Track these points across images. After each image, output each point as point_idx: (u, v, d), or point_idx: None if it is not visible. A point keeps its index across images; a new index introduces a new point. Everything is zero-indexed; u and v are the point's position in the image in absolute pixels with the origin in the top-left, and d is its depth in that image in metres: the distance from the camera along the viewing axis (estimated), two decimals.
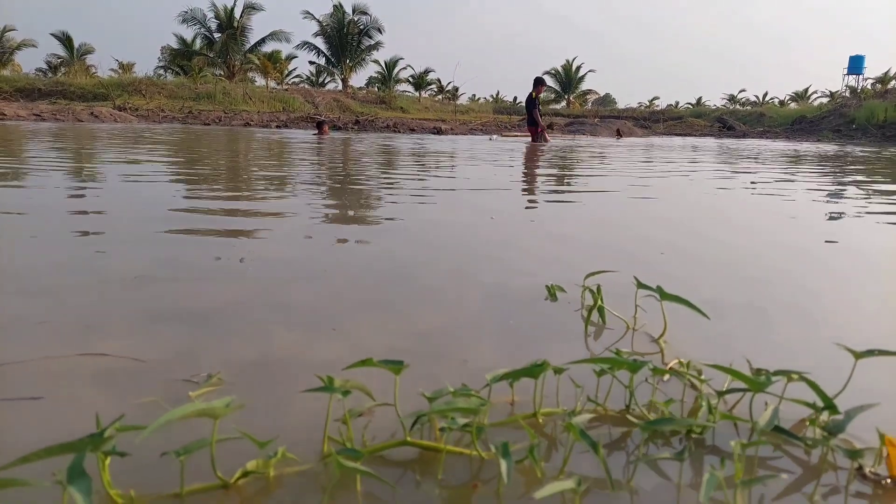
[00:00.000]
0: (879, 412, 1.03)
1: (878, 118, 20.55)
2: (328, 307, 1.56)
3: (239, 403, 0.78)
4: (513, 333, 1.43)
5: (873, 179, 6.17)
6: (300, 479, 0.82)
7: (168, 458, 0.80)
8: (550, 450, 0.94)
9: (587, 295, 1.56)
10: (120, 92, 24.75)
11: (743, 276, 2.06)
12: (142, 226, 2.58)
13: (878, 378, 1.20)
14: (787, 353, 1.36)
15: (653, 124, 29.27)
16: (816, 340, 1.45)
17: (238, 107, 24.72)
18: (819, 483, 0.85)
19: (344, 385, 0.86)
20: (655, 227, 3.10)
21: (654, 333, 1.41)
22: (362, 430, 0.94)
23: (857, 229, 3.18)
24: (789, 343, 1.43)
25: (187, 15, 33.14)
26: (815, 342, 1.44)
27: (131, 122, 17.00)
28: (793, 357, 1.34)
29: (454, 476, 0.85)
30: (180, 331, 1.35)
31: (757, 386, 0.91)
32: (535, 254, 2.37)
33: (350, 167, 6.21)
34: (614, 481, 0.83)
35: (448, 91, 47.61)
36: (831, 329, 1.53)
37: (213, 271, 1.88)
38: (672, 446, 0.94)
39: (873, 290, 1.97)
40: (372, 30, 36.65)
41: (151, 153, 6.88)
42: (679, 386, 1.12)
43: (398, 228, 2.81)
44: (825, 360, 1.28)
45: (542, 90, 12.74)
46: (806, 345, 1.43)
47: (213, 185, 4.25)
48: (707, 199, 4.38)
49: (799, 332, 1.51)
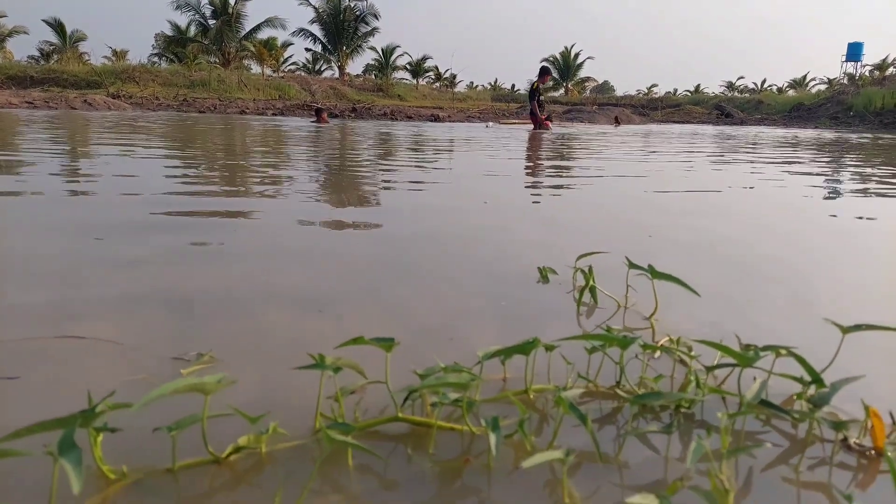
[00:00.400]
0: (870, 386, 1.04)
1: (876, 105, 20.54)
2: (321, 289, 1.57)
3: (230, 380, 0.79)
4: (505, 314, 1.43)
5: (871, 166, 6.18)
6: (292, 454, 0.83)
7: (160, 435, 0.80)
8: (542, 424, 0.95)
9: (579, 276, 1.57)
10: (113, 79, 24.57)
11: (732, 258, 2.07)
12: (136, 211, 2.58)
13: (868, 352, 1.21)
14: (777, 331, 1.37)
15: (651, 112, 29.21)
16: (808, 317, 1.46)
17: (233, 94, 24.57)
18: (806, 455, 0.86)
19: (335, 362, 0.86)
20: (647, 212, 3.10)
21: (645, 312, 1.41)
22: (354, 407, 0.94)
23: (853, 213, 3.19)
24: (780, 321, 1.44)
25: (181, 1, 32.86)
26: (807, 319, 1.45)
27: (125, 110, 16.91)
28: (784, 334, 1.35)
29: (446, 451, 0.86)
30: (173, 312, 1.36)
31: (745, 361, 0.91)
32: (528, 237, 2.38)
33: (348, 153, 6.19)
34: (604, 454, 0.84)
35: (446, 79, 47.44)
36: (823, 306, 1.54)
37: (206, 255, 1.88)
38: (661, 421, 0.95)
39: (864, 272, 1.98)
40: (368, 16, 36.41)
41: (147, 141, 6.85)
42: (670, 363, 1.13)
43: (393, 212, 2.81)
44: (815, 337, 1.29)
45: (548, 80, 12.33)
46: (797, 322, 1.44)
47: (212, 172, 4.24)
48: (701, 187, 4.38)
49: (790, 311, 1.52)
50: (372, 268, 1.79)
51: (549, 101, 31.95)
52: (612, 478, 0.81)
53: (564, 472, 0.74)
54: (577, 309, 1.44)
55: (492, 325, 1.36)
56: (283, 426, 0.86)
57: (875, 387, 1.07)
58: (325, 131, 10.42)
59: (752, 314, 1.48)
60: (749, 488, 0.80)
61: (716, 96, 38.96)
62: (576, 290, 1.57)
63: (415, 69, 45.65)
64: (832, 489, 0.79)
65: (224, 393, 0.91)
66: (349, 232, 2.35)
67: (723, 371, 1.09)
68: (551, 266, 1.70)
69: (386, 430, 0.90)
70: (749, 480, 0.81)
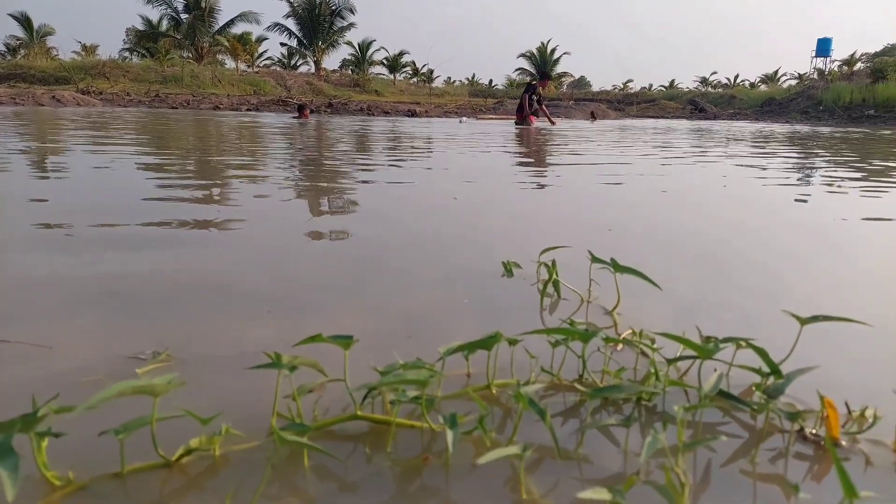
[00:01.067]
0: (833, 375, 1.05)
1: (844, 100, 20.95)
2: (283, 287, 1.54)
3: (181, 380, 0.77)
4: (469, 309, 1.43)
5: (837, 159, 6.29)
6: (247, 456, 0.81)
7: (111, 438, 0.78)
8: (505, 420, 0.95)
9: (543, 270, 1.57)
10: (83, 75, 24.05)
11: (697, 252, 2.09)
12: (106, 215, 2.52)
13: (831, 343, 1.22)
14: (740, 323, 1.38)
15: (627, 107, 29.44)
16: (770, 310, 1.48)
17: (207, 90, 24.22)
18: (764, 446, 0.87)
19: (292, 361, 0.85)
20: (615, 207, 3.12)
21: (608, 306, 1.42)
22: (313, 406, 0.93)
23: (815, 208, 3.24)
24: (743, 313, 1.45)
25: None
26: (769, 311, 1.47)
27: (95, 106, 16.57)
28: (748, 325, 1.36)
29: (406, 449, 0.85)
30: (128, 310, 1.33)
31: (705, 353, 0.92)
32: (495, 232, 2.37)
33: (326, 152, 6.14)
34: (564, 449, 0.84)
35: (423, 74, 47.29)
36: (783, 299, 1.56)
37: (165, 251, 1.85)
38: (623, 414, 0.95)
39: (824, 263, 2.01)
40: (344, 10, 36.10)
41: (118, 138, 6.72)
42: (634, 356, 1.13)
43: (362, 209, 2.79)
44: (779, 328, 1.30)
45: (546, 84, 12.43)
46: (759, 314, 1.45)
47: (187, 172, 4.17)
48: (668, 181, 4.42)
49: (753, 303, 1.53)
50: (340, 266, 1.77)
51: None
52: (573, 472, 0.81)
53: (521, 468, 0.73)
54: (541, 303, 1.44)
55: (458, 320, 1.35)
56: (240, 427, 0.84)
57: (847, 376, 1.08)
58: (306, 128, 10.31)
59: (717, 307, 1.49)
60: (708, 480, 0.80)
61: (690, 91, 39.40)
62: (539, 283, 1.57)
63: (392, 64, 45.40)
64: (787, 480, 0.79)
65: (179, 393, 0.89)
66: (322, 230, 2.32)
67: (686, 363, 1.10)
68: (515, 261, 1.69)
69: (345, 429, 0.88)
70: (708, 472, 0.82)
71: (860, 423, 0.90)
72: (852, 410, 0.93)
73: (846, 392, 0.99)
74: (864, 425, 0.89)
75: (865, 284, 1.75)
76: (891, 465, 0.83)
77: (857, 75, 24.87)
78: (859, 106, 20.19)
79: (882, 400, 0.97)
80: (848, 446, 0.86)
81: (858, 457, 0.85)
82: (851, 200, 3.40)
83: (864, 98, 20.37)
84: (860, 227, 2.60)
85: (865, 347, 1.23)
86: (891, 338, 1.31)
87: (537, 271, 1.63)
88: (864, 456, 0.85)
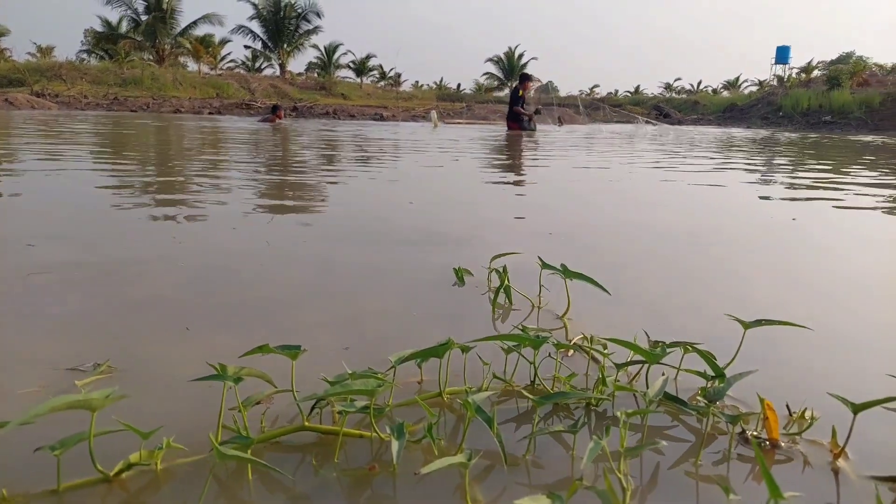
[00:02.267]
0: (782, 377, 1.08)
1: (803, 106, 21.59)
2: (229, 299, 1.52)
3: (120, 394, 0.75)
4: (422, 317, 1.42)
5: (794, 162, 6.48)
6: (190, 470, 0.79)
7: (48, 454, 0.76)
8: (457, 427, 0.95)
9: (494, 276, 1.58)
10: (38, 77, 23.32)
11: (650, 254, 2.13)
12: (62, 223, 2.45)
13: (788, 345, 1.26)
14: (691, 325, 1.41)
15: (593, 112, 29.80)
16: (717, 312, 1.51)
17: (168, 93, 23.75)
18: (709, 448, 0.89)
19: (237, 372, 0.83)
20: (558, 210, 3.16)
21: (558, 311, 1.43)
22: (261, 417, 0.92)
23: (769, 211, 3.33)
24: (693, 315, 1.48)
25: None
26: (715, 314, 1.50)
27: (50, 109, 16.12)
28: (697, 328, 1.38)
29: (355, 459, 0.84)
30: (84, 322, 1.29)
31: (652, 358, 0.93)
32: (450, 237, 2.37)
33: (291, 156, 6.07)
34: (512, 455, 0.84)
35: (391, 77, 47.21)
36: (732, 302, 1.60)
37: (106, 262, 1.80)
38: (574, 418, 0.96)
39: (767, 261, 2.06)
40: (310, 14, 35.82)
41: (73, 143, 6.54)
42: (586, 361, 1.14)
43: (313, 218, 2.77)
44: (729, 332, 1.33)
45: (529, 86, 11.58)
46: (706, 316, 1.48)
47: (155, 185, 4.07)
48: (620, 185, 4.50)
49: (701, 305, 1.57)
50: (290, 275, 1.75)
51: (493, 101, 32.25)
52: (521, 478, 0.81)
53: (466, 476, 0.73)
54: (493, 310, 1.44)
55: (410, 328, 1.35)
56: (184, 440, 0.83)
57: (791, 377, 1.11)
58: (276, 133, 10.12)
59: (668, 312, 1.52)
60: (655, 483, 0.82)
61: (654, 97, 40.13)
62: (490, 290, 1.58)
63: (359, 68, 45.21)
64: (727, 481, 0.81)
65: (121, 406, 0.87)
66: (273, 238, 2.30)
67: (636, 367, 1.12)
68: (467, 267, 1.69)
69: (293, 440, 0.87)
70: (655, 475, 0.83)
71: (800, 424, 0.93)
72: (793, 412, 0.96)
73: (795, 393, 1.02)
74: (804, 426, 0.92)
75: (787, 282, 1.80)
76: (827, 465, 0.85)
77: (815, 82, 25.65)
78: (816, 112, 20.84)
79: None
80: (787, 447, 0.89)
81: (797, 457, 0.87)
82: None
83: (820, 104, 21.04)
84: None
85: (809, 349, 1.27)
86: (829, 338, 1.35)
87: (488, 278, 1.64)
88: (803, 456, 0.87)
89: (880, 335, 1.42)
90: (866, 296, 1.72)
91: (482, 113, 22.65)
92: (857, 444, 0.88)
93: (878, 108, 19.30)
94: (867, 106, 19.50)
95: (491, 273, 1.61)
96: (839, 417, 0.91)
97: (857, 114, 19.42)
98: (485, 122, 18.32)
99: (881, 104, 19.33)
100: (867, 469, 0.85)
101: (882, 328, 1.46)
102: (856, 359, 1.26)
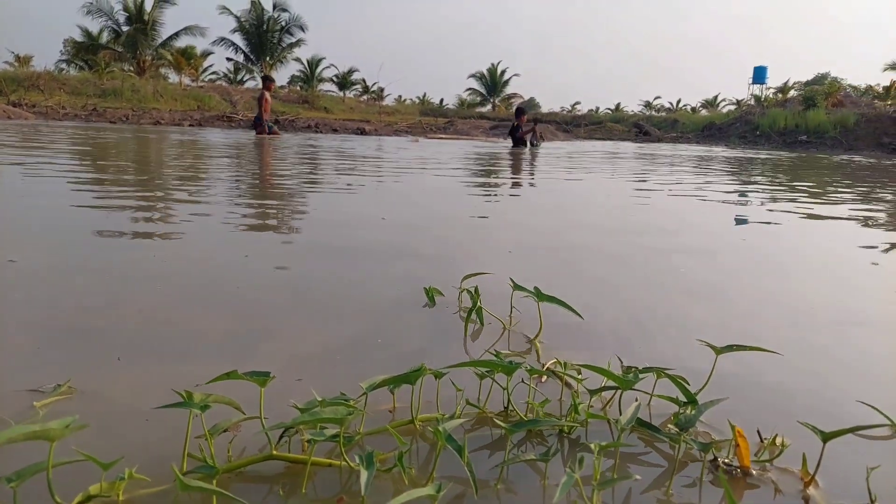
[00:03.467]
0: (760, 404, 1.08)
1: (780, 125, 21.99)
2: (193, 320, 1.50)
3: (80, 424, 0.73)
4: (395, 338, 1.41)
5: (769, 181, 6.59)
6: (154, 501, 0.77)
7: (3, 486, 0.73)
8: (430, 455, 0.93)
9: (464, 296, 1.58)
10: (15, 87, 22.97)
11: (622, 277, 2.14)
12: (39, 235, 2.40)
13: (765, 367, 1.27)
14: (665, 350, 1.41)
15: (574, 128, 30.09)
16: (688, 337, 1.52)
17: (148, 104, 23.53)
18: (681, 474, 0.88)
19: (204, 399, 0.82)
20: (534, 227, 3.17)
21: (530, 333, 1.43)
22: (228, 446, 0.90)
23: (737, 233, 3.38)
24: (666, 340, 1.49)
25: (92, 6, 31.22)
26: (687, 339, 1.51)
27: (27, 119, 15.89)
28: (673, 353, 1.39)
29: (324, 489, 0.83)
30: (40, 341, 1.26)
31: (625, 384, 0.93)
32: (421, 255, 2.36)
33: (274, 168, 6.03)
34: (483, 483, 0.83)
35: (373, 91, 47.31)
36: (702, 325, 1.61)
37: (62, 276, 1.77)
38: (547, 445, 0.96)
39: (745, 284, 2.08)
40: (294, 27, 35.81)
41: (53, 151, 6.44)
42: (559, 386, 1.14)
43: (285, 234, 2.75)
44: (702, 356, 1.34)
45: (524, 120, 13.33)
46: (678, 341, 1.49)
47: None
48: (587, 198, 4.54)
49: (673, 332, 1.58)
50: (257, 295, 1.73)
51: (476, 116, 32.51)
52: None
53: None
54: (465, 331, 1.43)
55: (384, 350, 1.34)
56: (148, 470, 0.81)
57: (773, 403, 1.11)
58: (268, 151, 10.06)
59: (639, 335, 1.53)
60: None
61: (635, 114, 40.64)
62: (461, 310, 1.58)
63: (342, 81, 45.22)
64: None
65: (87, 434, 0.85)
66: (246, 257, 2.27)
67: (610, 392, 1.11)
68: (437, 287, 1.68)
69: (261, 469, 0.86)
70: (628, 501, 0.83)
71: (771, 451, 0.93)
72: (764, 438, 0.96)
73: (768, 418, 1.02)
74: (775, 453, 0.92)
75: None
76: (797, 493, 0.86)
77: (791, 102, 26.14)
78: (793, 131, 21.24)
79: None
80: (758, 475, 0.89)
81: (768, 485, 0.87)
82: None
83: (797, 124, 21.45)
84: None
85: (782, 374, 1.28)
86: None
87: (459, 298, 1.64)
88: (773, 484, 0.87)
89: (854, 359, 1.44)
90: (838, 319, 1.74)
91: (465, 128, 22.75)
92: (827, 471, 0.89)
93: (852, 128, 19.74)
94: (842, 126, 19.93)
95: (462, 293, 1.61)
96: (810, 444, 0.91)
97: (832, 133, 19.84)
98: (468, 138, 18.38)
99: (855, 124, 19.78)
100: (837, 497, 0.85)
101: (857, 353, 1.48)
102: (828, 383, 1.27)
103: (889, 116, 19.84)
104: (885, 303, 1.94)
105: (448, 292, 1.67)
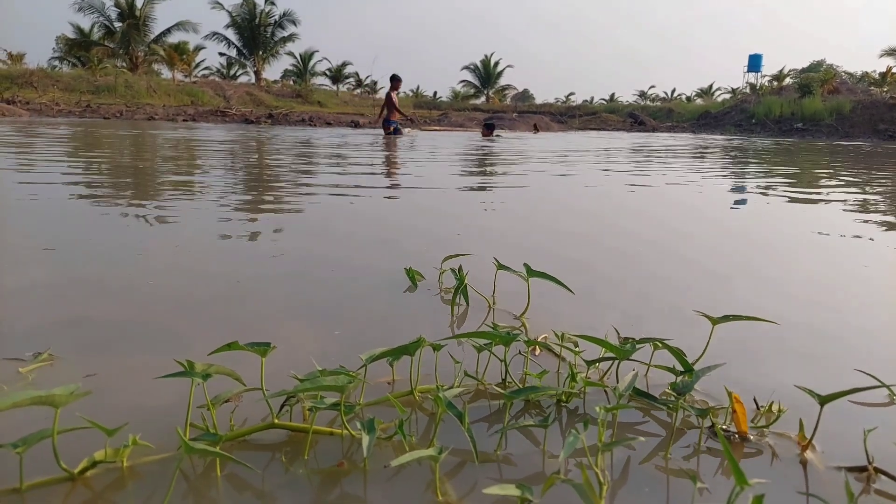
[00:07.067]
0: (761, 370, 1.09)
1: (775, 113, 22.01)
2: (191, 299, 1.51)
3: (84, 391, 0.73)
4: (383, 319, 1.42)
5: (763, 170, 6.60)
6: (157, 468, 0.78)
7: (9, 452, 0.74)
8: (429, 425, 0.94)
9: (445, 277, 1.61)
10: (8, 84, 22.86)
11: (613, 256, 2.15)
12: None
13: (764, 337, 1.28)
14: (660, 322, 1.42)
15: (569, 119, 30.06)
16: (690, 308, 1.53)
17: (142, 100, 23.43)
18: (680, 442, 0.89)
19: (206, 369, 0.82)
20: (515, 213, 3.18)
21: (515, 311, 1.44)
22: (230, 415, 0.90)
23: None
24: (662, 311, 1.50)
25: (84, 3, 31.04)
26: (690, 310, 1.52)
27: (21, 117, 15.81)
28: (669, 325, 1.40)
29: (325, 457, 0.84)
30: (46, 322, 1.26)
31: (622, 353, 0.94)
32: (404, 239, 2.37)
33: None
34: (485, 452, 0.84)
35: (367, 85, 47.16)
36: (699, 296, 1.62)
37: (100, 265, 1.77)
38: (545, 415, 0.97)
39: (730, 261, 2.09)
40: (286, 21, 35.65)
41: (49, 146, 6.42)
42: (555, 360, 1.14)
43: (282, 226, 2.75)
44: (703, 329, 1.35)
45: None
46: (680, 312, 1.50)
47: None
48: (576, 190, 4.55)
49: (672, 301, 1.59)
50: (249, 282, 1.74)
51: (470, 108, 32.46)
52: (492, 474, 0.81)
53: (437, 470, 0.73)
54: (452, 310, 1.44)
55: (375, 330, 1.35)
56: (152, 437, 0.81)
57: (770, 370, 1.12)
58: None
59: (630, 310, 1.53)
60: (626, 477, 0.82)
61: (629, 104, 40.64)
62: (442, 291, 1.59)
63: (335, 75, 45.05)
64: (697, 473, 0.82)
65: (85, 401, 0.85)
66: (234, 237, 2.28)
67: (607, 364, 1.12)
68: (419, 270, 1.68)
69: (263, 438, 0.86)
70: (626, 469, 0.83)
71: (767, 417, 0.94)
72: (760, 405, 0.98)
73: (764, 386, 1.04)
74: (772, 419, 0.93)
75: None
76: (795, 457, 0.87)
77: (786, 90, 26.13)
78: (789, 119, 21.27)
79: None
80: (756, 440, 0.90)
81: (766, 450, 0.88)
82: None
83: (792, 112, 21.48)
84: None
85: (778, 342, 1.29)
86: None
87: (439, 279, 1.65)
88: (771, 449, 0.88)
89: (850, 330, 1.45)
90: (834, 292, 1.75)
91: (459, 120, 22.72)
92: (823, 435, 0.90)
93: (848, 115, 19.78)
94: (838, 113, 19.97)
95: (442, 273, 1.62)
96: (806, 410, 0.93)
97: (828, 121, 19.87)
98: (462, 130, 18.36)
99: (851, 111, 19.81)
100: (834, 460, 0.86)
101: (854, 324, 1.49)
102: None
103: (885, 103, 19.88)
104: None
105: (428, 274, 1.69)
